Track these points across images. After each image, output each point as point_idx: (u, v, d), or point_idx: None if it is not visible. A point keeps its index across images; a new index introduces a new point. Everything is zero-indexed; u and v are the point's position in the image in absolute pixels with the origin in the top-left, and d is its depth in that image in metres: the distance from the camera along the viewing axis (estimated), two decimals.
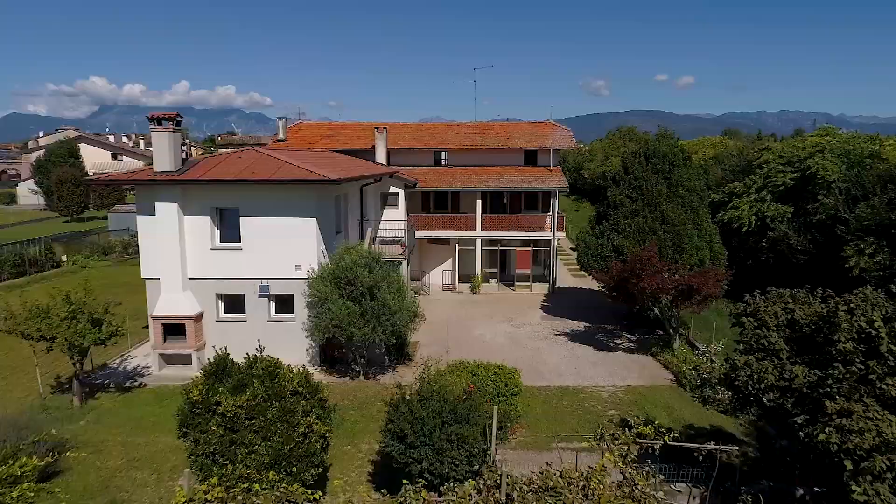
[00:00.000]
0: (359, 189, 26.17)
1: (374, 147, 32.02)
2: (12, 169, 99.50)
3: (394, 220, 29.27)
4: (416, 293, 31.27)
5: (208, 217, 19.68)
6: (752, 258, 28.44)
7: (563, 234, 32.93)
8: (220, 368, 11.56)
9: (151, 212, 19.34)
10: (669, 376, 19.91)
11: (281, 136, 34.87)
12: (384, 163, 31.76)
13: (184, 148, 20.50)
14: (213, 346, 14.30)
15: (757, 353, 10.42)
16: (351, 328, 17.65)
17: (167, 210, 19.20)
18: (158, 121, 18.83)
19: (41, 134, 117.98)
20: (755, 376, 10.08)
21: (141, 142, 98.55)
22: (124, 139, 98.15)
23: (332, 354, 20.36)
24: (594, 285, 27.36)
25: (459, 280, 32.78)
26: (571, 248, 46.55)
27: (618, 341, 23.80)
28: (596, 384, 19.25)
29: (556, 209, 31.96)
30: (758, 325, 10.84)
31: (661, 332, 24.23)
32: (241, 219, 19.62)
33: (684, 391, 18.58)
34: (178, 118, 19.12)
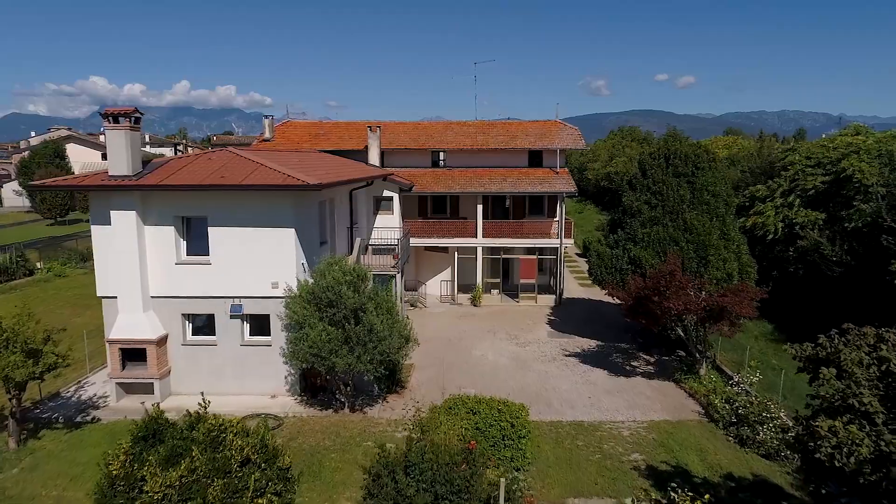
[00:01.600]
0: (348, 193, 23.80)
1: (367, 147, 29.63)
2: (3, 170, 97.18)
3: (388, 227, 26.88)
4: (411, 305, 28.96)
5: (172, 227, 17.28)
6: (778, 269, 26.03)
7: (572, 241, 30.49)
8: (151, 432, 9.11)
9: (106, 221, 16.94)
10: (697, 408, 17.48)
11: (267, 135, 32.45)
12: (378, 164, 29.37)
13: (148, 148, 18.02)
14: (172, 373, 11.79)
15: (843, 416, 8.04)
16: (332, 357, 15.24)
17: (124, 219, 16.79)
18: (114, 118, 16.42)
19: (33, 134, 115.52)
20: (844, 448, 7.70)
21: None
22: None
23: (314, 382, 17.95)
24: (604, 295, 24.96)
25: (459, 290, 30.39)
26: (578, 254, 44.22)
27: (635, 363, 21.38)
28: (614, 419, 16.83)
29: (564, 214, 29.55)
30: (841, 377, 8.45)
31: (683, 353, 21.82)
32: (210, 229, 17.22)
33: (717, 428, 16.15)
34: (137, 114, 16.72)
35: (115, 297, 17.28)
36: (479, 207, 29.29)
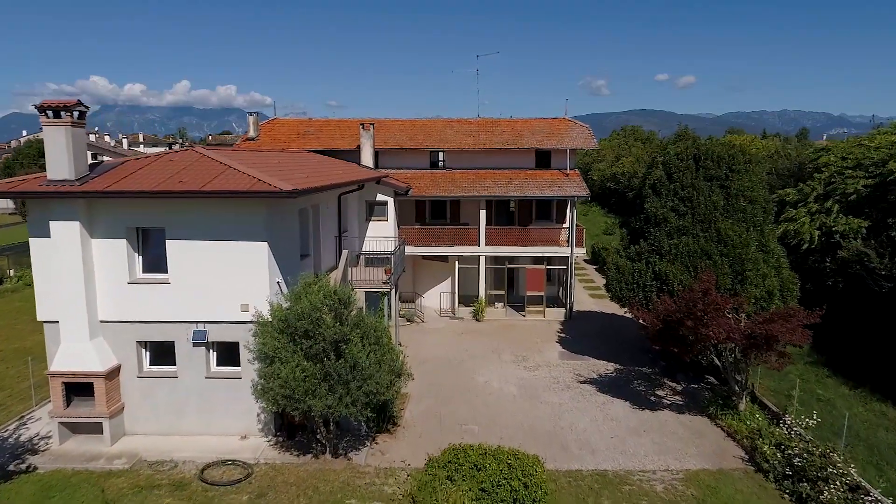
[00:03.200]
0: (336, 198, 21.28)
1: (359, 147, 27.09)
2: None
3: (381, 235, 24.35)
4: (407, 320, 26.42)
5: (124, 240, 14.73)
6: (814, 282, 23.45)
7: (584, 250, 27.94)
8: None
9: (46, 233, 14.40)
10: (740, 453, 14.92)
11: (252, 133, 29.91)
12: (371, 165, 26.83)
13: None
14: None
15: None
16: (308, 399, 12.68)
17: (66, 231, 14.25)
18: (54, 111, 13.86)
19: (24, 133, 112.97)
20: None
21: (124, 141, 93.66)
22: (107, 138, 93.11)
23: (291, 420, 15.37)
24: (617, 307, 22.42)
25: (460, 303, 27.84)
26: (586, 261, 41.67)
27: (660, 393, 18.82)
28: (644, 467, 14.26)
29: (575, 220, 26.99)
30: None
31: (715, 381, 19.28)
32: (168, 243, 14.67)
33: (767, 481, 13.58)
34: (81, 108, 14.15)
35: (58, 322, 14.73)
36: (482, 213, 26.75)
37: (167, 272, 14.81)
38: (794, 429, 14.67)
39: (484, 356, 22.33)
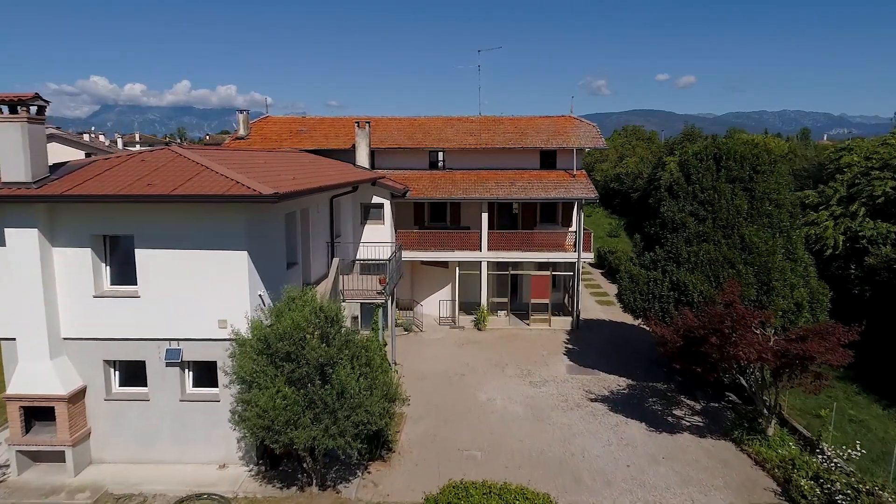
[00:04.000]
0: (328, 201, 19.85)
1: (355, 146, 25.65)
2: None
3: (377, 241, 22.89)
4: (405, 329, 24.97)
5: (89, 249, 13.29)
6: (838, 291, 21.96)
7: (591, 255, 26.48)
8: None
9: (0, 241, 12.96)
10: (771, 484, 13.45)
11: (241, 132, 28.47)
12: (367, 166, 25.39)
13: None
14: None
15: None
16: (289, 431, 11.23)
17: (22, 239, 12.80)
18: (10, 106, 12.41)
19: None
20: None
21: (119, 141, 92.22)
22: (101, 138, 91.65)
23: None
24: (624, 313, 20.96)
25: (460, 311, 26.40)
26: (591, 264, 40.19)
27: (677, 412, 17.37)
28: (666, 502, 12.81)
29: (582, 224, 25.55)
30: None
31: (735, 399, 17.83)
32: (138, 252, 13.23)
33: None
34: (40, 102, 12.71)
35: (14, 340, 13.28)
36: (484, 216, 25.30)
37: (136, 284, 13.37)
38: (835, 460, 13.19)
39: (486, 370, 20.88)
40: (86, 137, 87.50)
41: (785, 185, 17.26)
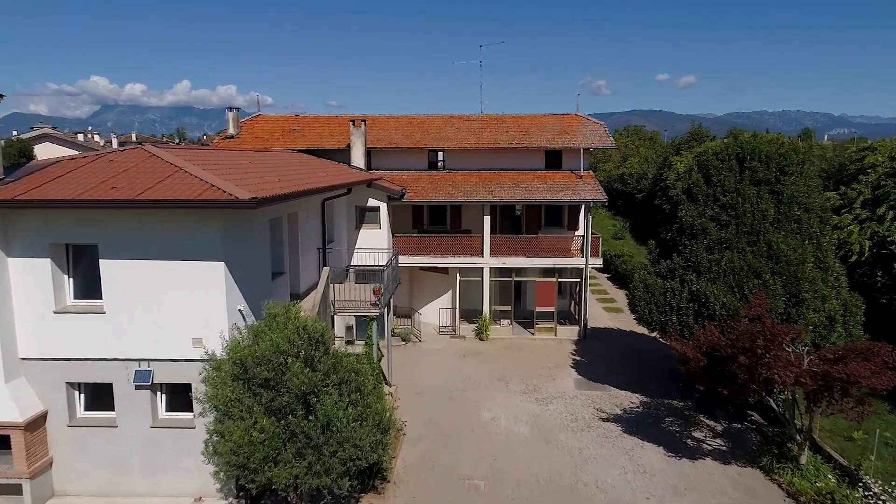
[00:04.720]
0: (320, 204, 18.52)
1: (350, 146, 24.32)
2: None
3: (373, 247, 21.56)
4: (403, 339, 23.60)
5: (48, 260, 11.95)
6: (864, 299, 20.63)
7: (600, 261, 25.12)
8: None
9: None
10: None
11: (231, 131, 27.12)
12: (362, 166, 24.04)
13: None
14: None
15: None
16: (268, 469, 9.86)
17: None
18: None
19: (14, 133, 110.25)
20: None
21: (114, 141, 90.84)
22: (96, 138, 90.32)
23: None
24: (634, 322, 19.59)
25: (461, 319, 25.05)
26: (597, 269, 38.78)
27: (697, 435, 16.00)
28: None
29: (590, 227, 24.19)
30: None
31: (760, 419, 16.47)
32: (102, 262, 11.89)
33: None
34: None
35: None
36: (486, 219, 23.95)
37: (101, 298, 12.03)
38: (883, 497, 11.81)
39: (489, 384, 19.54)
40: (80, 137, 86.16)
41: (815, 187, 15.92)
